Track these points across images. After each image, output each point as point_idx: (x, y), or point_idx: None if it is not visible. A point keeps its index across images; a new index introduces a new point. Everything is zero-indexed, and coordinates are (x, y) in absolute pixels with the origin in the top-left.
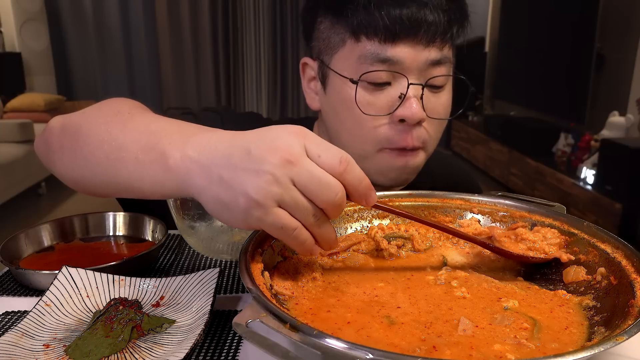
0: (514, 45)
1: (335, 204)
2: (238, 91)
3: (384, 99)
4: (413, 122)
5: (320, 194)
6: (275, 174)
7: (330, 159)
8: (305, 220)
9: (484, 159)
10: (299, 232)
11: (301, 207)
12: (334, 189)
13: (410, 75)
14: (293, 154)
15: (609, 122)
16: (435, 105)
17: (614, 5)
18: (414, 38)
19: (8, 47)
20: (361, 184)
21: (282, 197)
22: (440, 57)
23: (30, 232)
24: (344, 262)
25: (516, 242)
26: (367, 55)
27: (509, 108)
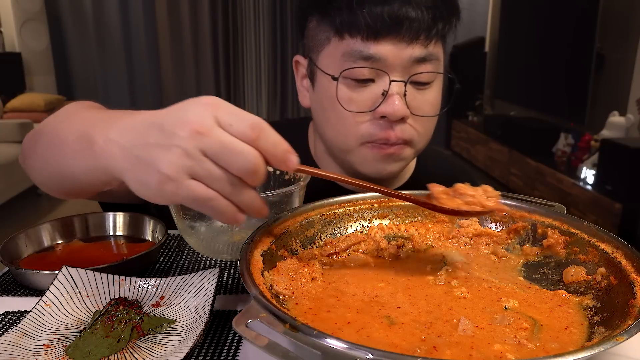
0: (514, 45)
1: (250, 171)
2: (238, 91)
3: (367, 96)
4: (395, 119)
5: (233, 162)
6: (185, 147)
7: (242, 127)
8: (222, 189)
9: (484, 159)
10: (216, 202)
11: (215, 177)
12: (247, 156)
13: (393, 72)
14: (203, 124)
15: (609, 122)
16: (421, 102)
17: (614, 5)
18: (396, 35)
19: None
20: (277, 149)
21: (194, 169)
22: (425, 54)
23: (30, 232)
24: (344, 262)
25: (454, 197)
26: (350, 53)
27: (509, 108)
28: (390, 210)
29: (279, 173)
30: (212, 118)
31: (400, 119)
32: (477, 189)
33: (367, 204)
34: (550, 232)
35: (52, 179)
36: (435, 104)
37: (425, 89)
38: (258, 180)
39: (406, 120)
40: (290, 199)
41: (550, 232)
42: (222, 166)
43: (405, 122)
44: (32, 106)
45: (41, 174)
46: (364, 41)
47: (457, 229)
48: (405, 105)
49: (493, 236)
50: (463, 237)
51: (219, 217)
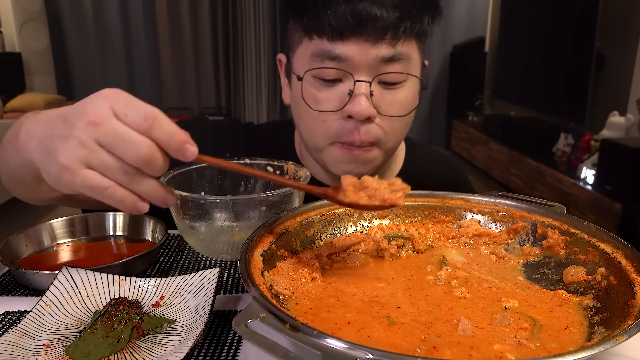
0: (514, 45)
1: (143, 160)
2: (238, 91)
3: (334, 95)
4: (360, 119)
5: (125, 151)
6: (80, 137)
7: (135, 117)
8: (117, 178)
9: (484, 159)
10: (112, 191)
11: (110, 166)
12: (139, 145)
13: (360, 72)
14: (98, 115)
15: (609, 122)
16: (390, 102)
17: (614, 5)
18: (361, 35)
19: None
20: (172, 139)
21: (88, 158)
22: (393, 54)
23: (30, 232)
24: (343, 262)
25: (359, 190)
26: (317, 53)
27: (509, 108)
28: (390, 210)
29: (279, 173)
30: (108, 109)
31: (366, 119)
32: (383, 182)
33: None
34: (550, 232)
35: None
36: (407, 104)
37: (396, 89)
38: (154, 170)
39: (373, 120)
40: (290, 199)
41: (550, 232)
42: (117, 155)
43: (372, 122)
44: (32, 106)
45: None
46: (330, 41)
47: (457, 229)
48: (371, 105)
49: (493, 236)
50: (463, 237)
51: (119, 206)
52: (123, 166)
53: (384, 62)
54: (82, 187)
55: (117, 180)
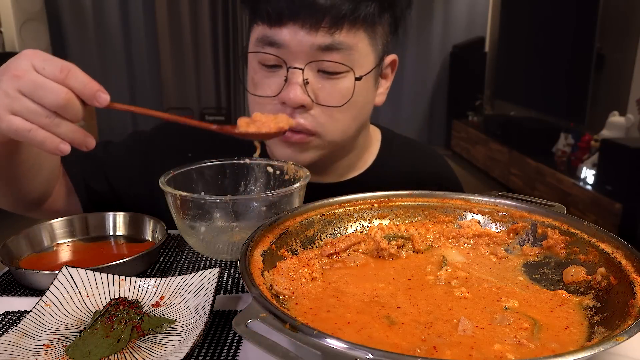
0: (514, 45)
1: (60, 105)
2: (238, 91)
3: (274, 81)
4: (293, 106)
5: (45, 97)
6: (4, 88)
7: (52, 69)
8: (39, 122)
9: (484, 159)
10: (34, 133)
11: (32, 111)
12: (56, 92)
13: (296, 60)
14: (20, 69)
15: (609, 122)
16: (329, 92)
17: (614, 5)
18: (296, 22)
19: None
20: (86, 87)
21: (12, 105)
22: (331, 43)
23: (30, 232)
24: (343, 262)
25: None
26: (260, 39)
27: (509, 108)
28: (390, 210)
29: (279, 173)
30: (28, 64)
31: (300, 107)
32: (270, 116)
33: (367, 204)
34: (550, 232)
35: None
36: (345, 96)
37: (337, 79)
38: (72, 114)
39: (309, 110)
40: (290, 199)
41: (550, 232)
42: (37, 102)
43: (308, 111)
44: None
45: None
46: (270, 27)
47: (457, 230)
48: (305, 93)
49: (493, 237)
50: (463, 237)
51: (42, 147)
52: (44, 111)
53: (321, 50)
54: (7, 130)
55: (39, 124)
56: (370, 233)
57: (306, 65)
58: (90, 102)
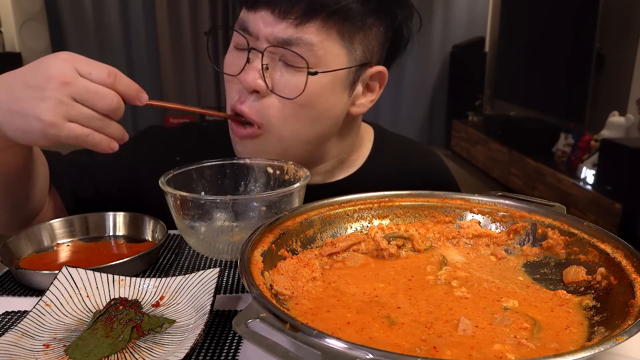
0: (514, 45)
1: (113, 108)
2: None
3: (239, 63)
4: (249, 90)
5: (99, 103)
6: (57, 97)
7: (100, 74)
8: (94, 126)
9: (484, 159)
10: (92, 137)
11: (87, 117)
12: (109, 96)
13: (260, 43)
14: (67, 75)
15: (609, 122)
16: (286, 82)
17: (614, 5)
18: (267, 8)
19: (8, 47)
20: (131, 89)
21: (69, 113)
22: (296, 36)
23: (30, 232)
24: (343, 262)
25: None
26: (238, 22)
27: (509, 108)
28: (390, 210)
29: (279, 173)
30: (72, 69)
31: (255, 92)
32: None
33: (367, 204)
34: (550, 232)
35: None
36: (298, 89)
37: (297, 71)
38: (119, 115)
39: (263, 97)
40: (290, 199)
41: (550, 232)
42: (90, 107)
43: (261, 99)
44: None
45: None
46: (246, 11)
47: (457, 230)
48: (261, 78)
49: (493, 237)
50: (463, 237)
51: (96, 148)
52: (97, 115)
53: (285, 42)
54: (68, 138)
55: (94, 128)
56: (370, 233)
57: (266, 49)
58: (132, 102)
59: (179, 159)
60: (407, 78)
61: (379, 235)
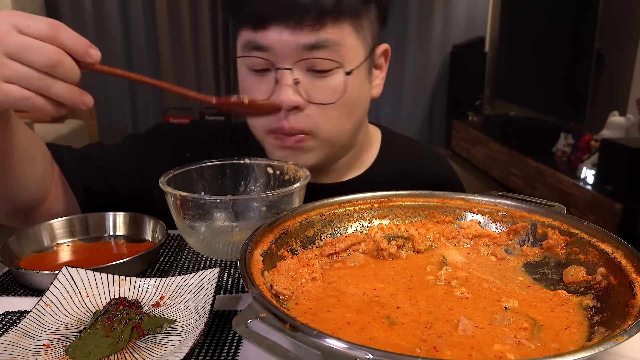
0: (514, 45)
1: (51, 65)
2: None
3: (264, 85)
4: (287, 108)
5: (34, 58)
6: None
7: (39, 26)
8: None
9: (484, 159)
10: (34, 101)
11: (22, 75)
12: (46, 51)
13: (283, 61)
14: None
15: (609, 122)
16: (321, 89)
17: (614, 5)
18: (279, 22)
19: None
20: (78, 42)
21: (3, 72)
22: (316, 40)
23: (30, 232)
24: (343, 262)
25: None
26: (246, 43)
27: (509, 108)
28: (390, 210)
29: (279, 173)
30: (8, 24)
31: (295, 108)
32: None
33: (367, 204)
34: (550, 232)
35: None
36: (338, 92)
37: (327, 77)
38: (65, 73)
39: (303, 110)
40: (290, 199)
41: (550, 232)
42: (27, 64)
43: (302, 111)
44: None
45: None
46: (254, 31)
47: (457, 230)
48: (297, 94)
49: (493, 237)
50: (463, 237)
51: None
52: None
53: (307, 49)
54: (6, 101)
55: (34, 88)
56: (370, 233)
57: (295, 65)
58: (82, 58)
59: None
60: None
61: (379, 235)
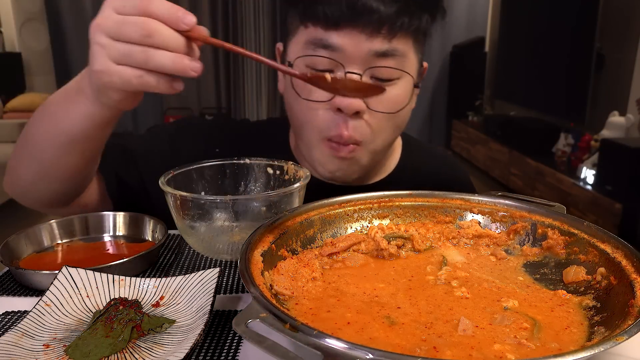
0: (514, 45)
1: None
2: (238, 91)
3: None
4: (349, 112)
5: (130, 33)
6: (95, 41)
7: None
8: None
9: (484, 159)
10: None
11: (126, 52)
12: (137, 22)
13: (352, 64)
14: (101, 17)
15: (609, 122)
16: (381, 99)
17: (614, 5)
18: (355, 26)
19: (8, 47)
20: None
21: (109, 53)
22: (387, 49)
23: (30, 232)
24: (343, 262)
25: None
26: (311, 41)
27: (509, 108)
28: (390, 210)
29: (279, 173)
30: (109, 10)
31: (355, 114)
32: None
33: (367, 204)
34: (550, 232)
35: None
36: (398, 102)
37: (388, 85)
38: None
39: (362, 116)
40: (290, 199)
41: (550, 232)
42: (127, 41)
43: (361, 117)
44: (32, 106)
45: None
46: (324, 30)
47: (457, 230)
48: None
49: (493, 238)
50: (463, 238)
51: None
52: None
53: (377, 56)
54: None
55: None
56: (370, 233)
57: (366, 70)
58: (176, 24)
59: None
60: None
61: (379, 235)
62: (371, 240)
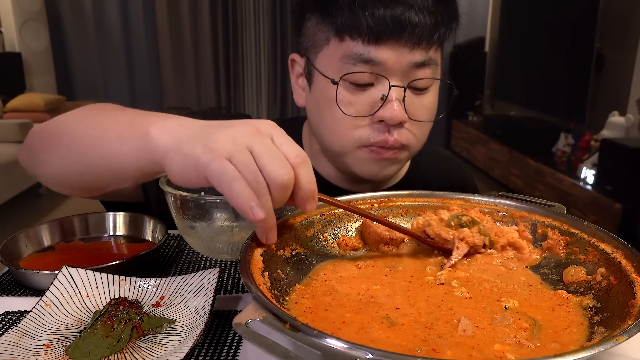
0: (514, 45)
1: (279, 183)
2: (238, 91)
3: (365, 100)
4: (393, 124)
5: (271, 166)
6: (235, 135)
7: (290, 149)
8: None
9: (484, 159)
10: (239, 183)
11: (247, 165)
12: (286, 167)
13: (393, 77)
14: (261, 129)
15: (609, 122)
16: (418, 107)
17: (614, 5)
18: (398, 40)
19: (8, 47)
20: (308, 185)
21: (234, 154)
22: (425, 59)
23: (30, 232)
24: (344, 261)
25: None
26: (350, 56)
27: (509, 108)
28: (390, 210)
29: None
30: (268, 131)
31: (398, 124)
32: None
33: (367, 204)
34: (550, 232)
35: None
36: (432, 109)
37: (423, 94)
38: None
39: (404, 125)
40: None
41: (550, 232)
42: (259, 165)
43: (403, 126)
44: (32, 106)
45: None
46: (364, 44)
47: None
48: (403, 110)
49: None
50: None
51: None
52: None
53: (416, 67)
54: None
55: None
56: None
57: (409, 84)
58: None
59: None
60: None
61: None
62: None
